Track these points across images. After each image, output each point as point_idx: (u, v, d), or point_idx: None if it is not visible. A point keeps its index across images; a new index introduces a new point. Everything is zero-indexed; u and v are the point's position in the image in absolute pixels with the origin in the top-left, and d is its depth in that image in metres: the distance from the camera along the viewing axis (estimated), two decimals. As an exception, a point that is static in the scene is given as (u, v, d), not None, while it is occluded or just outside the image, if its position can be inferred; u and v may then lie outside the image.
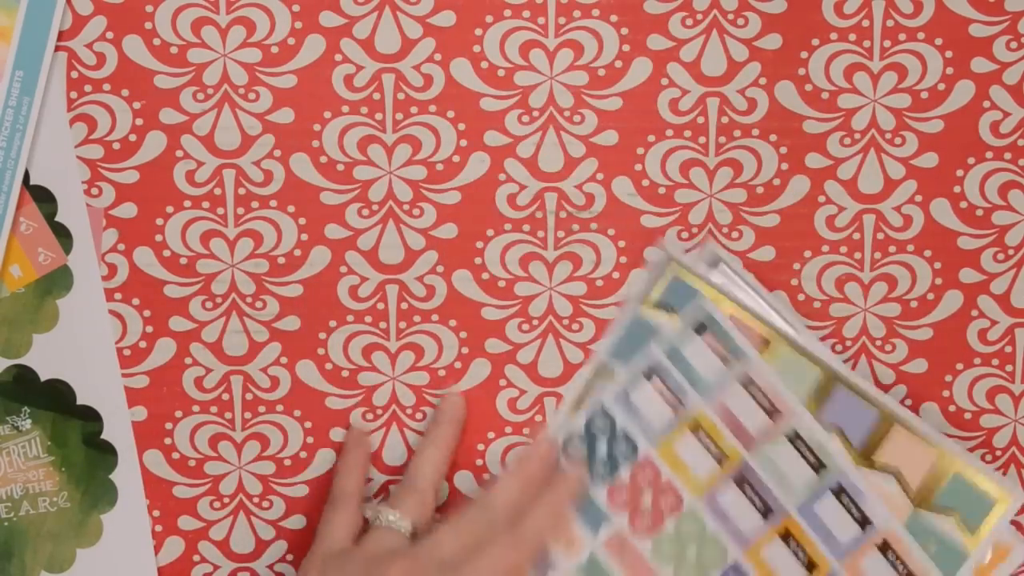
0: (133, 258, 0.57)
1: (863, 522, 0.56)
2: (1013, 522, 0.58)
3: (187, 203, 0.57)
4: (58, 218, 0.57)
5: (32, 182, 0.56)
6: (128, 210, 0.57)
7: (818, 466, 0.56)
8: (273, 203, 0.57)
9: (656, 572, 0.57)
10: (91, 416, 0.58)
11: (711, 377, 0.57)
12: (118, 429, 0.58)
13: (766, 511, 0.57)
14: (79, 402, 0.58)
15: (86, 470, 0.58)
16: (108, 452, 0.58)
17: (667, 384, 0.57)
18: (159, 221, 0.57)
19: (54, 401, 0.58)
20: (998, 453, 0.60)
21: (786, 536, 0.57)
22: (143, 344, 0.58)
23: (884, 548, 0.56)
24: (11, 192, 0.55)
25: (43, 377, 0.57)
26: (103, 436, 0.58)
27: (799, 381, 0.57)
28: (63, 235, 0.57)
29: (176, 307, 0.58)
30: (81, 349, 0.57)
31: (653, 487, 0.57)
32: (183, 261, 0.58)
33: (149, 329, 0.58)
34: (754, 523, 0.57)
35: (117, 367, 0.58)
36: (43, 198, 0.56)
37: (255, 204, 0.57)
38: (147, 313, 0.58)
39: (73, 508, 0.58)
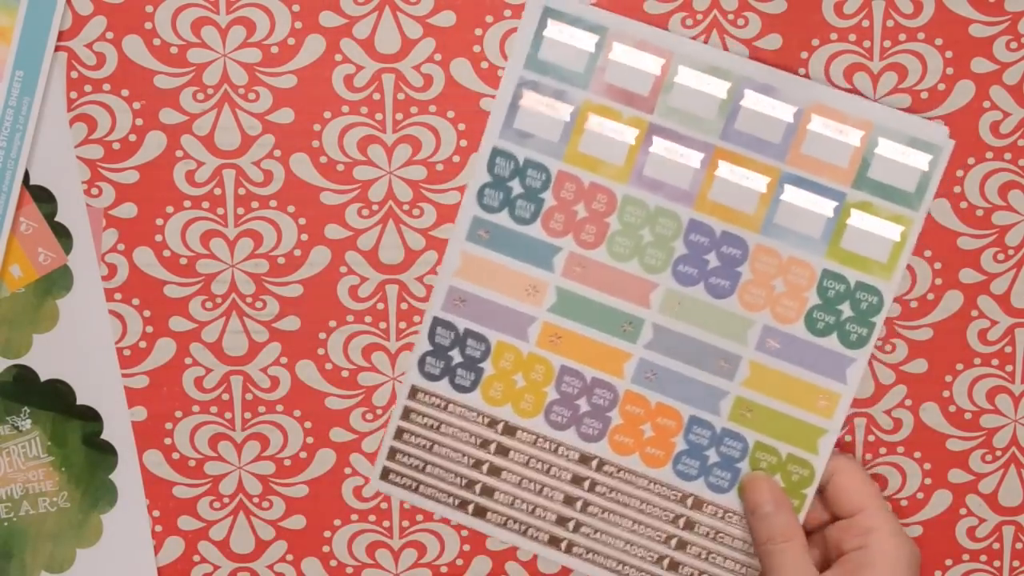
0: (133, 258, 0.57)
1: (786, 112, 0.55)
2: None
3: (187, 203, 0.57)
4: (58, 218, 0.57)
5: (32, 182, 0.56)
6: (128, 210, 0.57)
7: (721, 88, 0.55)
8: (273, 203, 0.57)
9: (623, 271, 0.56)
10: (91, 416, 0.58)
11: (579, 66, 0.55)
12: (118, 429, 0.58)
13: (693, 157, 0.55)
14: (79, 402, 0.58)
15: (86, 470, 0.58)
16: (108, 452, 0.58)
17: (542, 93, 0.56)
18: (159, 221, 0.57)
19: (54, 401, 0.58)
20: (998, 453, 0.60)
21: (723, 168, 0.56)
22: (143, 344, 0.58)
23: (816, 122, 0.55)
24: (11, 192, 0.55)
25: (43, 377, 0.57)
26: (103, 436, 0.58)
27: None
28: (63, 235, 0.57)
29: (176, 307, 0.58)
30: (81, 349, 0.57)
31: (580, 196, 0.56)
32: (183, 261, 0.58)
33: (149, 329, 0.58)
34: (688, 174, 0.56)
35: (117, 367, 0.58)
36: (43, 198, 0.57)
37: (255, 204, 0.57)
38: (147, 313, 0.58)
39: (73, 508, 0.58)
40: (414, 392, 0.58)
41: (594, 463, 0.58)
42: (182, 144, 0.57)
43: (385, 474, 0.59)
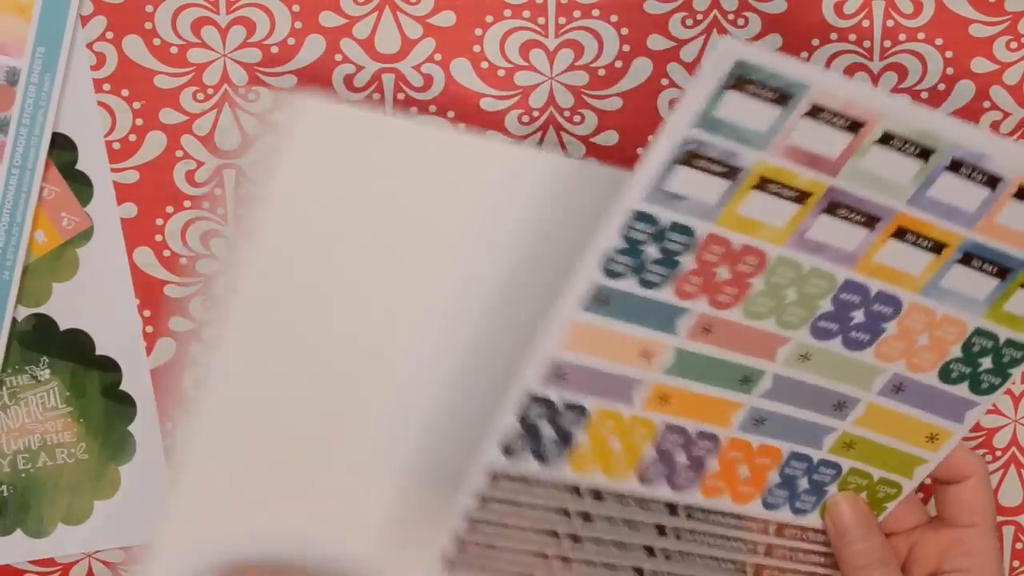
0: (133, 258, 0.57)
1: (992, 182, 0.47)
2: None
3: (187, 203, 0.57)
4: (78, 166, 0.56)
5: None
6: (128, 210, 0.57)
7: (925, 153, 0.47)
8: (273, 203, 0.57)
9: (756, 328, 0.49)
10: (110, 367, 0.58)
11: (762, 126, 0.45)
12: (137, 380, 0.58)
13: (870, 221, 0.47)
14: (98, 352, 0.58)
15: (104, 421, 0.58)
16: (127, 403, 0.58)
17: (707, 156, 0.45)
18: (159, 221, 0.57)
19: (73, 351, 0.57)
20: (998, 453, 0.60)
21: (900, 233, 0.48)
22: (144, 345, 0.58)
23: (1021, 193, 0.47)
24: (36, 169, 0.55)
25: (62, 327, 0.57)
26: (122, 387, 0.58)
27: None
28: (83, 183, 0.56)
29: (176, 307, 0.58)
30: (101, 299, 0.57)
31: (726, 258, 0.47)
32: (183, 261, 0.58)
33: (149, 329, 0.58)
34: (858, 237, 0.48)
35: (137, 318, 0.57)
36: (65, 146, 0.56)
37: (255, 204, 0.57)
38: (147, 313, 0.58)
39: (91, 460, 0.58)
40: (495, 477, 0.50)
41: (680, 510, 0.52)
42: (182, 144, 0.57)
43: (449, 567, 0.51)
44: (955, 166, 0.47)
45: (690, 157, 0.45)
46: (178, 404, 0.59)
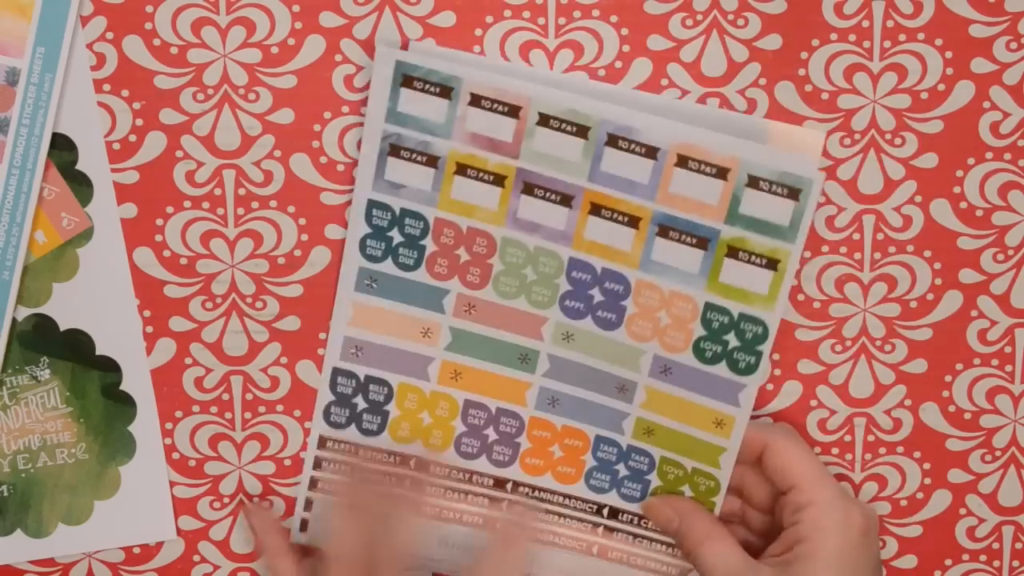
0: (133, 258, 0.57)
1: (651, 153, 0.55)
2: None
3: (187, 203, 0.57)
4: (78, 166, 0.56)
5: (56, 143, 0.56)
6: (128, 210, 0.57)
7: (583, 130, 0.55)
8: (273, 203, 0.57)
9: (512, 307, 0.57)
10: (110, 367, 0.58)
11: (440, 117, 0.55)
12: (137, 380, 0.58)
13: (564, 199, 0.55)
14: (98, 352, 0.58)
15: (104, 421, 0.58)
16: (127, 403, 0.58)
17: (407, 147, 0.55)
18: (159, 221, 0.57)
19: (73, 351, 0.57)
20: (998, 453, 0.60)
21: (595, 209, 0.55)
22: (144, 344, 0.58)
23: (682, 162, 0.55)
24: (36, 169, 0.55)
25: (62, 327, 0.57)
26: (122, 387, 0.58)
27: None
28: (83, 183, 0.56)
29: (176, 307, 0.58)
30: (101, 299, 0.57)
31: (460, 241, 0.56)
32: (183, 261, 0.58)
33: (149, 329, 0.58)
34: (562, 216, 0.56)
35: (137, 318, 0.57)
36: (64, 146, 0.56)
37: (255, 204, 0.57)
38: (147, 313, 0.58)
39: (91, 460, 0.58)
40: (323, 442, 0.58)
41: (508, 486, 0.59)
42: (182, 144, 0.57)
43: (303, 526, 0.59)
44: (613, 140, 0.54)
45: (395, 149, 0.55)
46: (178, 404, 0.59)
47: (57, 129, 0.56)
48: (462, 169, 0.55)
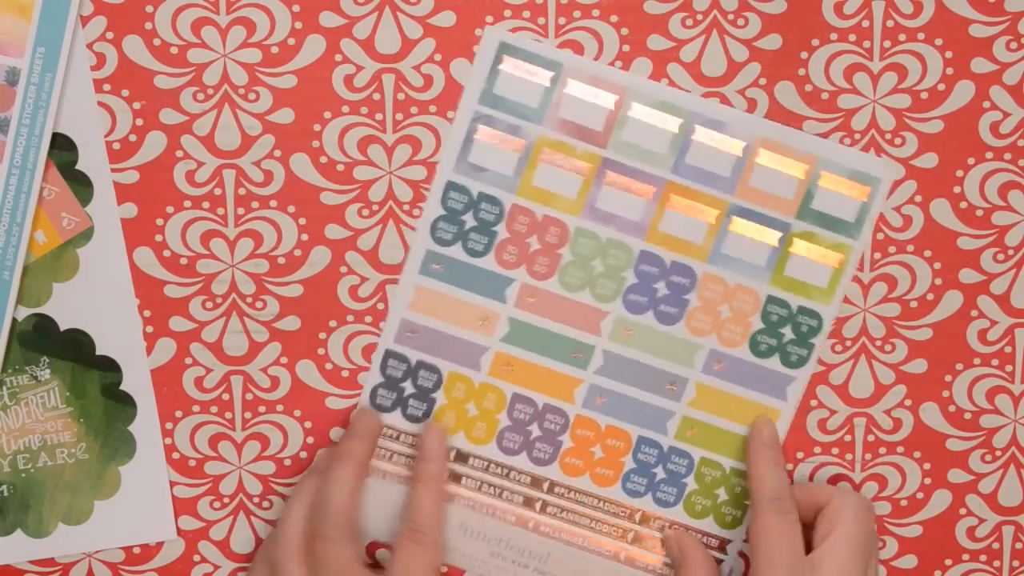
0: (133, 258, 0.57)
1: (736, 147, 0.57)
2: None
3: (187, 203, 0.57)
4: (78, 166, 0.56)
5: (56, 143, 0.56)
6: (128, 210, 0.57)
7: (674, 123, 0.56)
8: (273, 203, 0.57)
9: (575, 300, 0.57)
10: (110, 367, 0.58)
11: (534, 102, 0.56)
12: (137, 380, 0.58)
13: (645, 191, 0.57)
14: (98, 352, 0.58)
15: (104, 421, 0.58)
16: (127, 403, 0.58)
17: (496, 127, 0.56)
18: (159, 221, 0.57)
19: (73, 351, 0.57)
20: (998, 453, 0.60)
21: (675, 201, 0.57)
22: (144, 344, 0.58)
23: (765, 156, 0.57)
24: (36, 168, 0.55)
25: (63, 327, 0.57)
26: (122, 387, 0.58)
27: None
28: (83, 183, 0.56)
29: (176, 307, 0.58)
30: (101, 299, 0.57)
31: (533, 229, 0.57)
32: (183, 261, 0.58)
33: (149, 329, 0.58)
34: (640, 207, 0.57)
35: (137, 318, 0.57)
36: (64, 146, 0.56)
37: (255, 204, 0.57)
38: (147, 313, 0.58)
39: (91, 459, 0.58)
40: None
41: (545, 485, 0.59)
42: (182, 144, 0.57)
43: None
44: (702, 134, 0.56)
45: (483, 131, 0.56)
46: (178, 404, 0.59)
47: (57, 129, 0.56)
48: (549, 156, 0.56)
